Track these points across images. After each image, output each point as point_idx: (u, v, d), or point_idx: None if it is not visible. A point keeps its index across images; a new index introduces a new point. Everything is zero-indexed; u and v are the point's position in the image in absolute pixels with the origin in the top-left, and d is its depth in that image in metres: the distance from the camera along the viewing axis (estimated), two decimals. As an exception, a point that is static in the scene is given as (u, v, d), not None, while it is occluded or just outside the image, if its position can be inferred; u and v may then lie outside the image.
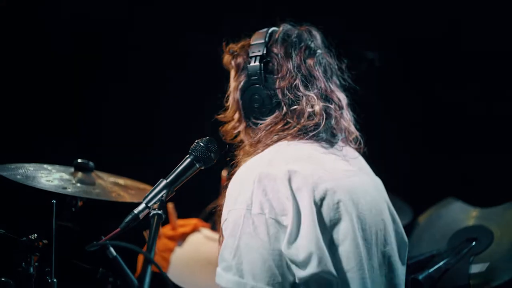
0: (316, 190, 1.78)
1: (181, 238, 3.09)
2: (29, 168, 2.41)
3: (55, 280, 1.99)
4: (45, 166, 2.51)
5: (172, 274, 2.87)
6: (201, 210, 3.48)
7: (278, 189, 1.76)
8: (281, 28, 2.08)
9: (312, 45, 2.05)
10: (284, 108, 1.96)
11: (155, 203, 1.79)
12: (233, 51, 2.12)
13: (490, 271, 2.67)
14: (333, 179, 1.82)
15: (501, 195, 2.90)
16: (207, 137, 1.91)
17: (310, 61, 2.01)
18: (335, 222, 1.79)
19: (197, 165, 1.89)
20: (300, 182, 1.78)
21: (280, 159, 1.84)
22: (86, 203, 2.56)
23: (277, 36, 2.05)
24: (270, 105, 1.99)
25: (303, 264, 1.72)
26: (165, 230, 3.06)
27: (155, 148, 3.83)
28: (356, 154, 2.09)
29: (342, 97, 2.05)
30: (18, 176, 2.31)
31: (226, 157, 2.07)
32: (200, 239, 3.17)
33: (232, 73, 2.14)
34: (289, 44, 2.03)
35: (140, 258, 2.97)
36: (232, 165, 2.05)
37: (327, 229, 1.78)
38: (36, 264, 2.34)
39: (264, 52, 2.02)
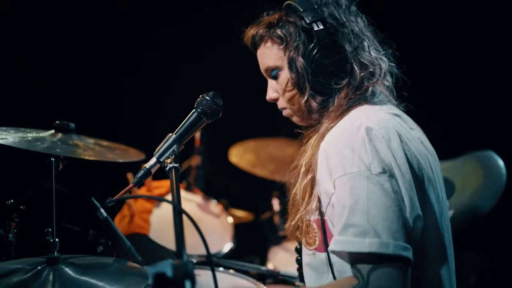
0: (409, 150, 1.79)
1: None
2: (10, 131, 2.32)
3: (57, 239, 1.94)
4: (22, 129, 2.42)
5: (154, 234, 2.88)
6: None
7: (388, 147, 1.74)
8: None
9: (355, 9, 1.99)
10: (357, 70, 1.90)
11: (167, 157, 1.77)
12: (274, 22, 1.96)
13: (458, 217, 2.83)
14: (413, 146, 1.83)
15: (461, 147, 3.05)
16: (212, 91, 1.90)
17: (362, 24, 1.97)
18: (422, 186, 1.81)
19: (204, 119, 1.88)
20: (397, 139, 1.77)
21: (376, 119, 1.80)
22: (67, 165, 2.50)
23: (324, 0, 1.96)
24: (343, 68, 1.90)
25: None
26: (141, 192, 3.04)
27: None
28: (409, 117, 2.02)
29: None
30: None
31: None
32: (175, 199, 3.17)
33: (274, 46, 1.97)
34: (342, 8, 1.96)
35: (117, 220, 2.95)
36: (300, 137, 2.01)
37: (418, 187, 1.78)
38: (15, 230, 2.28)
39: (324, 15, 1.91)
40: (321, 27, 1.88)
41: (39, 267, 1.87)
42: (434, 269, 1.83)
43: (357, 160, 1.71)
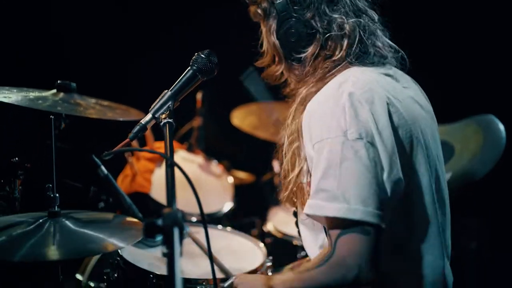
0: (397, 112, 1.80)
1: (160, 160, 3.14)
2: (13, 90, 2.37)
3: (57, 195, 1.99)
4: (25, 89, 2.46)
5: (155, 193, 2.95)
6: (176, 132, 3.53)
7: (370, 112, 1.74)
8: None
9: None
10: (319, 35, 1.91)
11: (162, 113, 1.81)
12: (255, 0, 2.04)
13: (455, 179, 2.87)
14: (402, 107, 1.83)
15: (462, 111, 3.07)
16: (207, 50, 1.93)
17: None
18: (408, 149, 1.81)
19: (199, 76, 1.92)
20: (382, 102, 1.78)
21: (361, 83, 1.80)
22: (69, 123, 2.54)
23: None
24: (307, 36, 1.92)
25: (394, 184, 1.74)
26: (144, 152, 3.10)
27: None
28: (405, 75, 2.02)
29: (373, 14, 1.98)
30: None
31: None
32: (177, 160, 3.23)
33: (261, 21, 2.05)
34: None
35: (120, 180, 3.02)
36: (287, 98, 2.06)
37: (403, 151, 1.80)
38: (20, 187, 2.35)
39: None
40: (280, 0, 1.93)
41: (40, 220, 1.94)
42: (423, 235, 1.84)
43: (335, 125, 1.73)
